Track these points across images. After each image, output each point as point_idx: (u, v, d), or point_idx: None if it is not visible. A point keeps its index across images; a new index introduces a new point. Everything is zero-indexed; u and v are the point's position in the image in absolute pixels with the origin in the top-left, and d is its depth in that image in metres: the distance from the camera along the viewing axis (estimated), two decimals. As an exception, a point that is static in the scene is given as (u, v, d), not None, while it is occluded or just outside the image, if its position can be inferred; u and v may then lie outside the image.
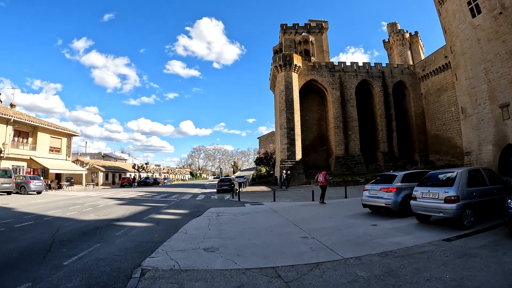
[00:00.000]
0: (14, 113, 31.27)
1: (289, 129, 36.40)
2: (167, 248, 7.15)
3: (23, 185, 24.35)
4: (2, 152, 28.28)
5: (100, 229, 9.73)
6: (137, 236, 8.65)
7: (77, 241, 7.96)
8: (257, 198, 20.24)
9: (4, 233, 8.83)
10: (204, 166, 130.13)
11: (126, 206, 16.56)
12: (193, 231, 9.04)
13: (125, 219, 11.86)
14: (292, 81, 37.43)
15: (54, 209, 14.41)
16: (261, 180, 47.26)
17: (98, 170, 55.50)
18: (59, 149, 37.24)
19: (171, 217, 12.48)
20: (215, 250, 6.80)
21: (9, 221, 10.93)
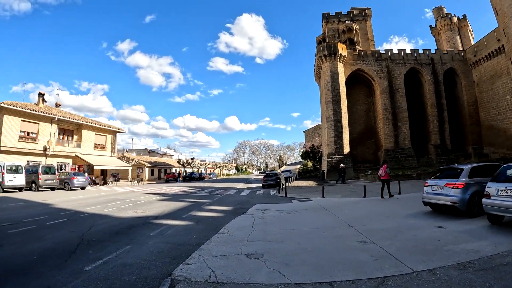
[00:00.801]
0: (58, 112, 33.79)
1: (336, 121, 36.51)
2: (204, 252, 6.39)
3: (67, 181, 25.79)
4: (47, 149, 30.44)
5: (134, 227, 9.36)
6: (173, 237, 8.08)
7: (106, 242, 7.54)
8: (304, 193, 19.83)
9: (33, 231, 8.73)
10: (249, 161, 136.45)
11: (167, 202, 16.49)
12: (236, 231, 8.43)
13: (163, 216, 11.52)
14: (338, 71, 37.28)
15: (93, 205, 14.61)
16: (307, 175, 47.72)
17: (143, 165, 57.77)
18: (104, 145, 39.31)
19: (213, 214, 12.07)
20: (259, 256, 6.03)
21: (43, 218, 11.04)
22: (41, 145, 30.11)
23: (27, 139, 29.27)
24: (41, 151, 30.03)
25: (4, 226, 9.21)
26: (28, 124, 29.32)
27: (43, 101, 34.35)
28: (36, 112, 29.60)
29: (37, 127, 30.12)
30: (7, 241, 7.50)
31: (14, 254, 6.43)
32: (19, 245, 7.15)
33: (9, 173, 21.32)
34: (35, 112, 29.42)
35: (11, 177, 21.37)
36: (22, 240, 7.57)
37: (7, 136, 27.09)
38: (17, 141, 28.06)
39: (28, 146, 29.09)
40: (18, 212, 12.34)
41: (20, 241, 7.52)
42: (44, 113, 30.58)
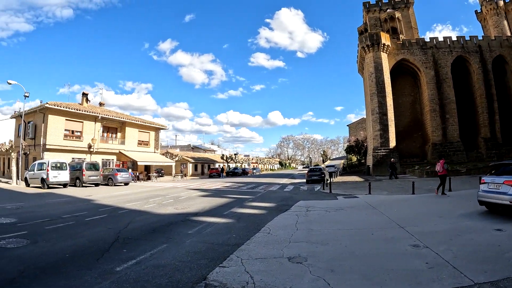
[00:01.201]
0: (101, 111, 35.54)
1: (381, 114, 36.02)
2: (243, 254, 5.97)
3: (111, 177, 26.82)
4: (91, 147, 32.09)
5: (173, 225, 9.17)
6: (211, 236, 7.77)
7: (142, 240, 7.35)
8: (349, 189, 19.43)
9: (70, 228, 8.80)
10: (293, 156, 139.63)
11: (209, 198, 16.45)
12: (278, 230, 8.06)
13: (204, 213, 11.32)
14: (382, 61, 36.75)
15: (134, 201, 14.79)
16: (352, 170, 48.16)
17: (187, 161, 59.19)
18: (147, 142, 40.53)
19: (255, 211, 11.82)
20: (302, 260, 5.55)
21: (83, 214, 11.24)
22: (85, 142, 31.71)
23: (72, 137, 31.05)
24: (86, 148, 31.60)
25: (43, 222, 9.39)
26: (72, 123, 31.07)
27: (87, 100, 36.22)
28: (80, 111, 31.31)
29: (81, 125, 31.82)
30: (43, 237, 7.53)
31: (47, 251, 6.37)
32: (53, 242, 7.14)
33: (54, 170, 22.50)
34: (78, 111, 31.13)
35: (56, 174, 22.50)
36: (57, 237, 7.58)
37: (52, 134, 28.86)
38: (62, 139, 29.86)
39: (73, 144, 30.83)
40: (58, 208, 12.73)
41: (56, 237, 7.53)
42: (88, 112, 32.31)
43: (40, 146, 28.73)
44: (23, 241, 7.11)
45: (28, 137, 30.24)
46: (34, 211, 11.86)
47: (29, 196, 18.02)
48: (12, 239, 7.22)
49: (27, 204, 13.87)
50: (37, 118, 30.05)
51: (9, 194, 18.66)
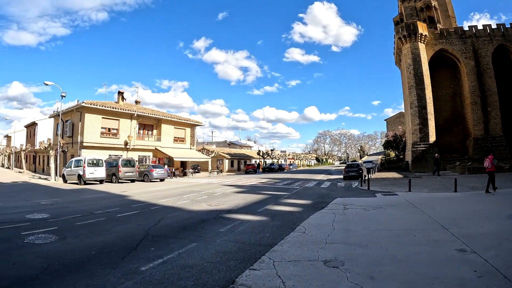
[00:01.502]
0: (137, 109, 36.52)
1: (420, 107, 35.23)
2: (276, 255, 5.58)
3: (146, 173, 27.42)
4: (128, 144, 32.98)
5: (205, 222, 8.98)
6: (243, 235, 7.47)
7: (172, 238, 7.19)
8: (388, 186, 18.91)
9: (100, 224, 8.84)
10: (330, 151, 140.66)
11: (244, 194, 16.24)
12: (314, 230, 7.64)
13: (237, 210, 11.08)
14: (419, 52, 35.92)
15: (167, 197, 14.85)
16: (390, 165, 47.21)
17: (223, 157, 59.67)
18: (183, 138, 41.15)
19: (290, 209, 11.43)
20: (339, 264, 5.11)
21: (115, 210, 11.37)
22: (122, 139, 32.64)
23: (109, 134, 32.13)
24: (123, 145, 32.50)
25: (74, 218, 9.54)
26: (109, 121, 32.13)
27: (123, 99, 37.44)
28: (116, 110, 32.29)
29: (118, 123, 32.85)
30: (72, 233, 7.57)
31: (74, 248, 6.35)
32: (82, 238, 7.15)
33: (90, 166, 23.28)
34: (114, 109, 32.13)
35: (92, 170, 23.28)
36: (86, 233, 7.61)
37: (89, 132, 30.01)
38: (99, 137, 30.96)
39: (110, 141, 31.88)
40: (92, 204, 13.02)
41: (85, 234, 7.55)
42: (124, 110, 33.30)
43: (77, 144, 29.94)
44: (52, 237, 7.18)
45: (66, 135, 31.66)
46: (67, 206, 12.19)
47: (65, 192, 18.71)
48: (41, 235, 7.31)
49: (61, 200, 14.32)
50: (75, 117, 31.36)
51: (46, 190, 19.48)
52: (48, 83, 27.24)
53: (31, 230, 7.78)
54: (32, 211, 10.79)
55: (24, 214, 10.18)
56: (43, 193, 17.70)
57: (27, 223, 8.76)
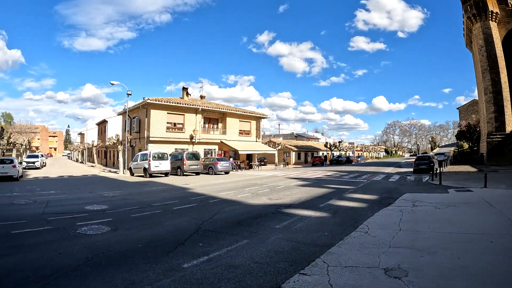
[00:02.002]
0: (202, 103, 37.65)
1: (495, 93, 32.10)
2: (331, 258, 4.96)
3: (211, 166, 28.08)
4: (193, 137, 34.11)
5: (261, 217, 8.62)
6: (300, 233, 6.94)
7: (223, 233, 6.94)
8: (461, 181, 17.38)
9: (154, 216, 8.93)
10: (399, 143, 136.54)
11: (307, 188, 15.69)
12: (377, 230, 6.89)
13: (298, 205, 10.56)
14: (491, 32, 32.80)
15: (228, 190, 14.85)
16: (463, 158, 42.86)
17: (290, 149, 59.32)
18: (249, 131, 41.62)
19: (354, 204, 10.75)
20: (401, 275, 4.32)
21: (173, 202, 11.51)
22: (187, 134, 33.84)
23: (174, 129, 33.54)
24: (188, 139, 33.66)
25: (131, 210, 9.80)
26: (174, 116, 33.54)
27: (187, 94, 38.96)
28: (180, 105, 33.62)
29: (183, 118, 34.16)
30: (125, 225, 7.71)
31: (122, 240, 6.40)
32: (133, 230, 7.23)
33: (155, 160, 24.40)
34: (179, 104, 33.47)
35: (157, 164, 24.36)
36: (139, 226, 7.69)
37: (155, 127, 31.61)
38: (165, 131, 32.50)
39: (175, 136, 33.25)
40: (152, 196, 13.42)
41: (137, 226, 7.65)
42: (188, 105, 34.53)
43: (144, 139, 31.76)
44: (104, 228, 7.37)
45: (134, 131, 33.80)
46: (127, 198, 12.71)
47: (129, 184, 19.78)
48: (95, 226, 7.55)
49: (123, 192, 15.04)
50: (141, 114, 33.31)
51: (112, 183, 20.77)
52: (114, 82, 29.23)
53: (87, 221, 8.10)
54: (93, 202, 11.37)
55: (84, 205, 10.73)
56: (108, 185, 18.85)
57: (84, 214, 9.18)
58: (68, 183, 20.38)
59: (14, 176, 21.61)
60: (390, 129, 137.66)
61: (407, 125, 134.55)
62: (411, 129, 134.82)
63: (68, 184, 20.02)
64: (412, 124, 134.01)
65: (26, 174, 27.82)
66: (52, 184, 19.86)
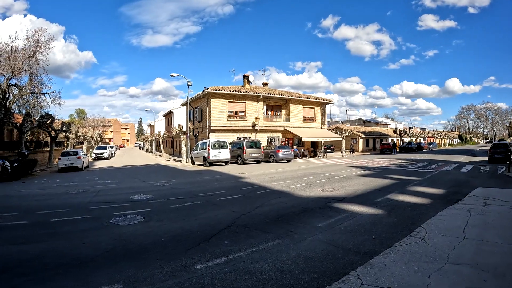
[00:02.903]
0: (264, 90, 37.02)
1: None
2: (369, 273, 4.05)
3: (272, 154, 27.52)
4: (255, 125, 33.74)
5: (306, 212, 7.84)
6: (343, 234, 6.00)
7: (257, 230, 6.33)
8: None
9: (194, 208, 8.65)
10: (474, 129, 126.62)
11: (368, 178, 14.44)
12: (436, 236, 5.65)
13: (351, 199, 9.53)
14: None
15: (283, 180, 14.17)
16: None
17: (357, 136, 57.14)
18: (313, 118, 40.39)
19: (416, 200, 9.34)
20: None
21: (220, 192, 11.19)
22: (249, 121, 33.60)
23: (236, 117, 33.46)
24: (250, 127, 33.44)
25: (174, 200, 9.69)
26: (235, 104, 33.40)
27: (248, 82, 38.36)
28: (240, 93, 33.36)
29: (244, 106, 33.88)
30: (159, 217, 7.57)
31: (149, 232, 6.28)
32: (165, 222, 7.08)
33: (214, 149, 24.55)
34: (239, 92, 33.24)
35: (216, 152, 24.48)
36: (173, 217, 7.50)
37: (216, 116, 31.79)
38: (226, 120, 32.53)
39: (237, 124, 33.19)
40: (202, 186, 13.29)
41: (171, 218, 7.45)
42: (249, 92, 34.15)
43: (206, 128, 32.19)
44: (138, 218, 7.33)
45: (196, 120, 34.48)
46: (176, 188, 12.72)
47: (186, 173, 20.06)
48: (130, 216, 7.53)
49: (176, 181, 15.16)
50: (202, 103, 33.68)
51: (170, 172, 21.38)
52: (174, 74, 30.40)
53: (125, 210, 8.17)
54: (141, 192, 11.53)
55: (131, 195, 10.93)
56: (165, 174, 19.36)
57: (127, 203, 9.26)
58: (127, 173, 21.37)
59: (79, 167, 23.42)
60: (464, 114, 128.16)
61: (482, 109, 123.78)
62: (486, 113, 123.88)
63: (128, 173, 20.97)
64: (487, 108, 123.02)
65: (93, 165, 30.12)
66: (112, 173, 21.02)
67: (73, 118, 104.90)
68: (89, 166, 27.35)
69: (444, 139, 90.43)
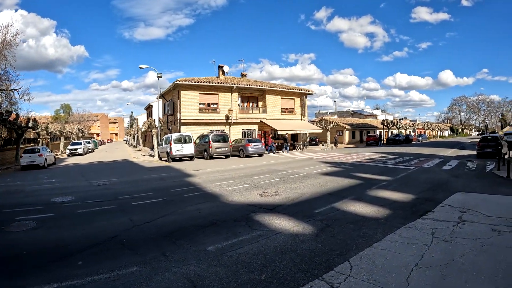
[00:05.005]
0: (238, 81, 35.91)
1: None
2: None
3: (242, 148, 26.52)
4: (229, 117, 32.61)
5: (213, 226, 6.62)
6: (222, 269, 4.49)
7: (130, 250, 5.40)
8: None
9: (97, 214, 7.99)
10: (466, 121, 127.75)
11: (329, 177, 13.18)
12: (368, 278, 4.02)
13: (287, 207, 8.12)
14: None
15: (230, 180, 13.16)
16: None
17: (343, 128, 56.21)
18: (292, 109, 39.49)
19: (369, 211, 7.54)
20: None
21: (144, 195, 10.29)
22: (222, 114, 32.66)
23: (208, 110, 32.42)
24: (224, 119, 32.38)
25: (89, 204, 9.17)
26: (207, 96, 32.29)
27: (223, 73, 37.07)
28: (212, 84, 32.14)
29: (217, 97, 32.76)
30: (53, 223, 7.27)
31: (19, 243, 5.67)
32: (52, 230, 6.73)
33: (177, 143, 23.49)
34: (210, 84, 32.02)
35: (179, 147, 23.43)
36: (65, 225, 7.09)
37: (187, 109, 30.70)
38: (197, 112, 31.45)
39: (209, 116, 32.17)
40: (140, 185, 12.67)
41: (62, 225, 7.09)
42: (222, 83, 32.96)
43: (178, 121, 30.99)
44: (31, 224, 7.09)
45: (169, 113, 33.55)
46: (111, 188, 12.19)
47: (141, 170, 19.25)
48: (26, 222, 7.28)
49: (120, 180, 14.50)
50: (174, 96, 32.69)
51: (129, 169, 20.61)
52: (143, 66, 29.00)
53: (30, 215, 8.08)
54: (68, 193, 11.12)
55: (55, 196, 10.60)
56: (119, 172, 18.72)
57: (40, 207, 9.06)
58: (83, 170, 20.42)
59: (40, 165, 22.41)
60: (456, 105, 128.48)
61: (474, 101, 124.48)
62: (479, 105, 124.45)
63: (84, 171, 20.07)
64: (480, 100, 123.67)
65: (63, 161, 29.35)
66: (68, 172, 20.44)
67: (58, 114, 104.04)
68: (55, 163, 26.42)
69: (435, 131, 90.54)
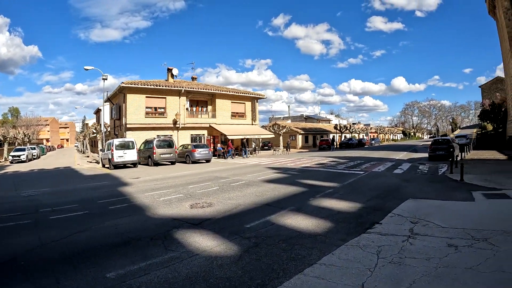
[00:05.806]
0: (187, 84, 35.32)
1: None
2: None
3: (188, 154, 25.83)
4: (177, 122, 31.82)
5: (125, 246, 5.90)
6: None
7: (9, 280, 4.58)
8: (490, 175, 12.91)
9: None
10: (418, 124, 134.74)
11: (272, 185, 12.69)
12: None
13: (216, 221, 7.44)
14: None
15: (165, 189, 12.43)
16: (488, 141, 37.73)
17: (296, 132, 56.84)
18: (243, 114, 39.41)
19: (308, 225, 6.86)
20: None
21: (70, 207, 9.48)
22: (170, 118, 31.86)
23: (155, 114, 31.46)
24: (171, 124, 31.49)
25: None
26: (154, 100, 31.38)
27: (172, 76, 36.26)
28: (159, 87, 31.24)
29: (164, 101, 31.91)
30: None
31: None
32: None
33: (119, 149, 22.32)
34: (158, 87, 31.11)
35: (121, 154, 22.27)
36: None
37: (132, 113, 29.62)
38: (144, 117, 30.44)
39: (157, 121, 31.21)
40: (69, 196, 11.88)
41: None
42: (170, 86, 32.12)
43: (123, 126, 29.67)
44: None
45: (115, 118, 32.13)
46: (37, 199, 11.34)
47: (79, 178, 18.17)
48: None
49: (52, 190, 13.67)
50: (120, 99, 31.45)
51: (67, 177, 19.33)
52: (88, 68, 27.56)
53: None
54: None
55: None
56: (55, 180, 17.73)
57: None
58: (18, 179, 19.13)
59: None
60: (408, 110, 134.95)
61: (426, 106, 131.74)
62: (430, 109, 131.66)
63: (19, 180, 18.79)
64: (431, 105, 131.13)
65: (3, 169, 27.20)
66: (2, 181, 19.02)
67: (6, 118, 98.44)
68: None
69: (388, 134, 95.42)
